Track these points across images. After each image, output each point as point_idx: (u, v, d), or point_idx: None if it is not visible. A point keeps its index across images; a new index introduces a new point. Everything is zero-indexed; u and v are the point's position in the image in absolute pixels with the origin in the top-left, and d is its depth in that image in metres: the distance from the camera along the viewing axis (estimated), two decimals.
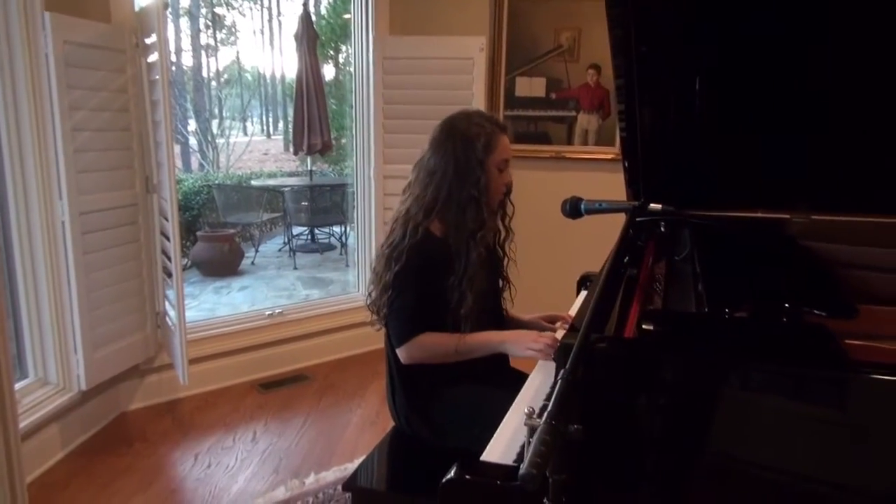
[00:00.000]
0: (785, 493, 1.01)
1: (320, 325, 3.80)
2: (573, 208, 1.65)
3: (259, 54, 16.91)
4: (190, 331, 3.05)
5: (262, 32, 15.29)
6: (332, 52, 11.40)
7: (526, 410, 0.94)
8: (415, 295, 1.73)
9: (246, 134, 15.22)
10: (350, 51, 11.48)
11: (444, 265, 1.74)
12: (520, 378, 1.98)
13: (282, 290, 5.54)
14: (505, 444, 1.35)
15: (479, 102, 3.65)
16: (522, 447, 1.32)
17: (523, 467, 0.79)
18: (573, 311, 2.15)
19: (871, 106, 1.66)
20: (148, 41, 2.77)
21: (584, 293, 2.36)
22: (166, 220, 2.80)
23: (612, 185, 2.32)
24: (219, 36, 14.20)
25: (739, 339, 1.14)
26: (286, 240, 6.81)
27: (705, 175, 1.90)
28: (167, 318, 3.06)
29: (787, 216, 2.06)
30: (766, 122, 1.83)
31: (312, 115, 6.27)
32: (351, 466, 2.71)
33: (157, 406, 3.22)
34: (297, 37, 6.33)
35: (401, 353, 1.77)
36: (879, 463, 0.98)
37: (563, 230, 3.27)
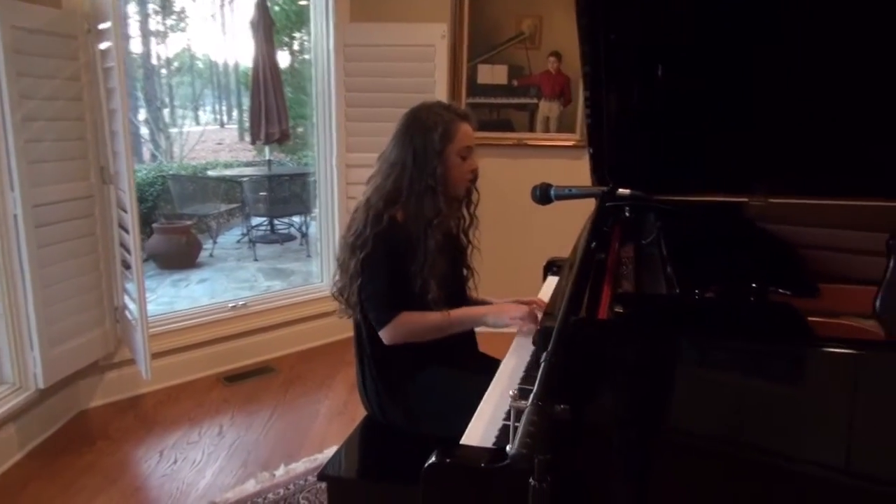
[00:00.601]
0: (758, 469, 1.05)
1: (284, 316, 3.76)
2: (543, 194, 1.66)
3: (211, 41, 16.45)
4: (151, 325, 2.98)
5: (214, 18, 14.89)
6: (287, 40, 11.19)
7: (511, 393, 0.95)
8: (387, 278, 1.75)
9: (199, 123, 14.84)
10: (306, 38, 11.28)
11: (408, 251, 1.77)
12: (490, 362, 2.01)
13: (243, 282, 5.46)
14: (483, 428, 1.36)
15: (441, 90, 3.65)
16: (501, 430, 1.34)
17: (513, 447, 0.80)
18: (542, 296, 2.18)
19: (827, 93, 1.72)
20: (101, 27, 2.68)
21: (551, 278, 2.39)
22: (125, 211, 2.72)
23: (574, 172, 2.34)
24: (168, 22, 13.77)
25: (710, 319, 1.17)
26: (245, 231, 6.70)
27: (668, 160, 1.94)
28: (126, 313, 2.99)
29: (746, 199, 2.14)
30: (725, 107, 1.88)
31: (270, 103, 6.16)
32: (321, 457, 2.70)
33: (118, 403, 3.14)
34: (253, 24, 6.20)
35: (384, 334, 1.78)
36: (843, 435, 1.03)
37: (527, 217, 3.31)
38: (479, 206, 1.99)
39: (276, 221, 6.75)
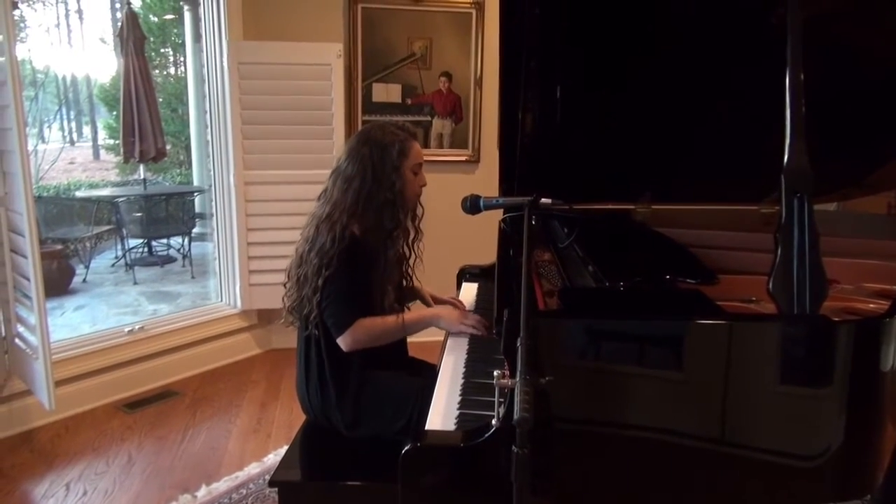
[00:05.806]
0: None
1: (184, 338, 3.67)
2: (473, 205, 1.80)
3: (55, 53, 15.25)
4: None
5: (59, 28, 13.83)
6: (152, 55, 10.69)
7: (496, 373, 1.11)
8: (348, 289, 1.82)
9: (45, 141, 13.72)
10: (171, 54, 10.82)
11: (368, 264, 1.85)
12: (421, 364, 2.16)
13: (125, 307, 5.18)
14: (441, 416, 1.49)
15: (338, 108, 3.74)
16: (459, 417, 1.48)
17: (516, 413, 0.95)
18: (462, 299, 2.35)
19: (700, 118, 2.04)
20: None
21: (466, 284, 2.56)
22: (22, 235, 2.58)
23: (466, 184, 2.50)
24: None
25: (645, 304, 1.39)
26: (120, 254, 6.34)
27: (569, 172, 2.19)
28: (18, 342, 2.82)
29: (633, 207, 2.43)
30: (615, 128, 2.16)
31: (143, 121, 5.93)
32: (242, 475, 2.70)
33: (9, 439, 2.94)
34: (121, 37, 5.95)
35: (343, 340, 1.83)
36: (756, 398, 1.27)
37: (432, 228, 3.45)
38: None
39: (153, 243, 6.46)
